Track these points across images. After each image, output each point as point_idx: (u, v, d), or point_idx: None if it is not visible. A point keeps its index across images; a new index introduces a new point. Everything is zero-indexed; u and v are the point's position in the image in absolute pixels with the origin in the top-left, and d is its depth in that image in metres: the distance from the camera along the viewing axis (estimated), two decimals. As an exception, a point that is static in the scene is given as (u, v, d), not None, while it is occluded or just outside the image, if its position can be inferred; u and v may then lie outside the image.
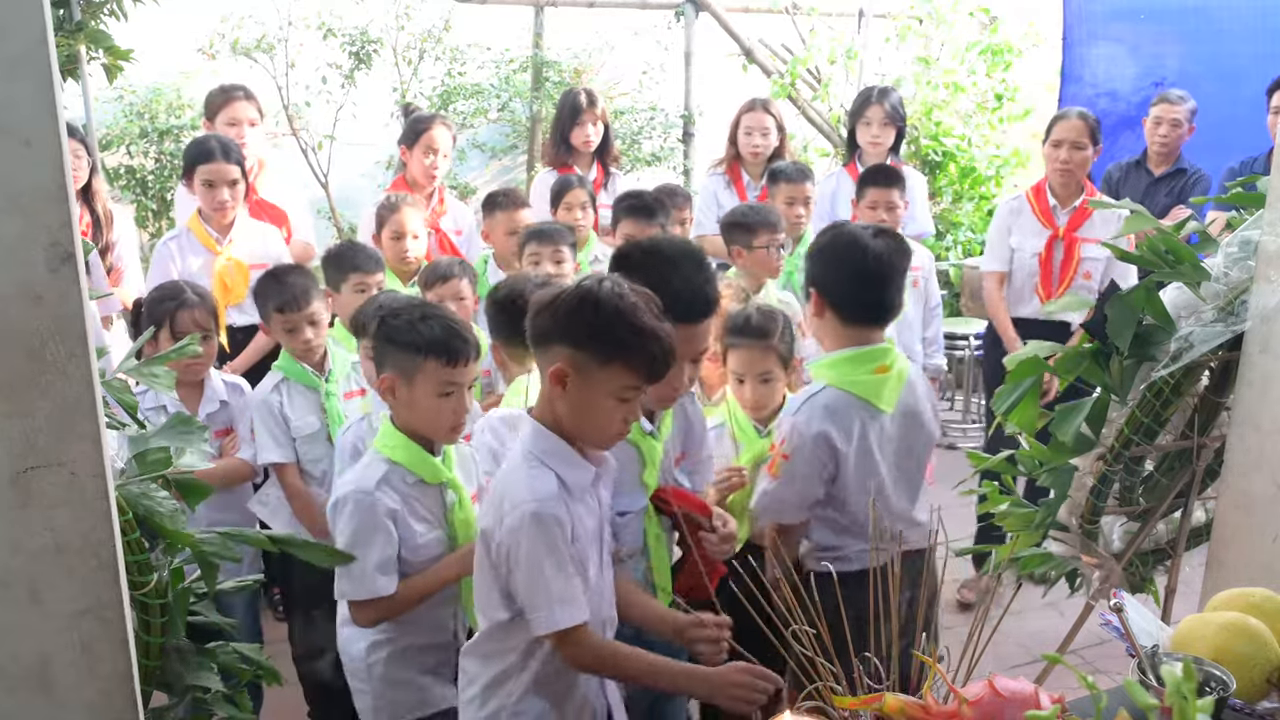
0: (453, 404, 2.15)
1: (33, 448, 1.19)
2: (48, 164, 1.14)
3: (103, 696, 1.28)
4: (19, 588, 1.22)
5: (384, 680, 2.22)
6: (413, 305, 2.25)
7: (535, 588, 1.74)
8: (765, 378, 2.65)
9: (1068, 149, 3.86)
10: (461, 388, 2.16)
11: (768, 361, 2.64)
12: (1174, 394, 2.72)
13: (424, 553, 2.17)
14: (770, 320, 2.67)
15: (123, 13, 4.35)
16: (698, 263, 2.08)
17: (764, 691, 1.71)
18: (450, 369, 2.12)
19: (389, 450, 2.17)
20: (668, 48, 6.90)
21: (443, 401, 2.13)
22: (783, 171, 3.98)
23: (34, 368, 1.17)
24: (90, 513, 1.23)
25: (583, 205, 3.95)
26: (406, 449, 2.17)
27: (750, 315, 2.67)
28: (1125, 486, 2.92)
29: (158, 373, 1.83)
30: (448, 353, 2.11)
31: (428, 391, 2.12)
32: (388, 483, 2.14)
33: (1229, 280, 2.64)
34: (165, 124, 5.99)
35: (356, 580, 2.11)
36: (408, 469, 2.16)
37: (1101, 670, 3.08)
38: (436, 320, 2.15)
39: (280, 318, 2.88)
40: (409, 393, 2.14)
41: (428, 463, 2.18)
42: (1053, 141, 3.92)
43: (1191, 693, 1.15)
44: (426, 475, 2.18)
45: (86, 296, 1.20)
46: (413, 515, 2.16)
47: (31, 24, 1.11)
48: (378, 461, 2.17)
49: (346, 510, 2.12)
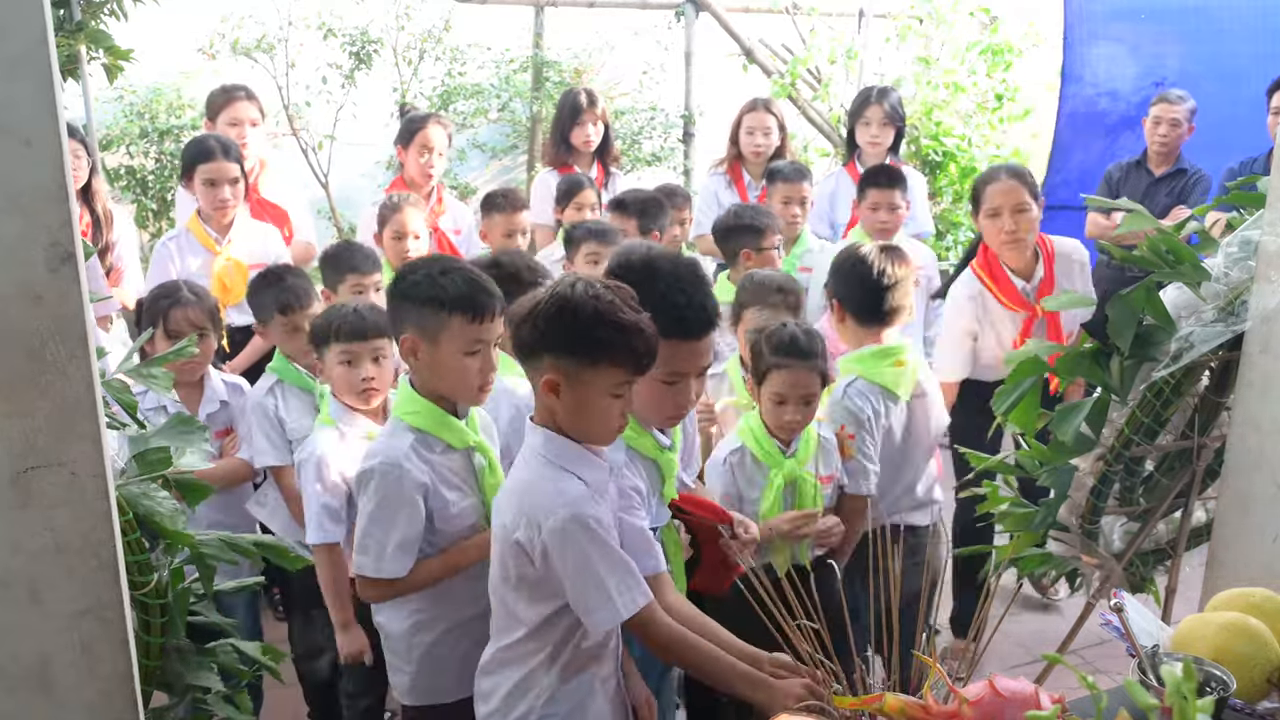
0: (479, 362, 2.05)
1: (33, 448, 1.19)
2: (48, 164, 1.14)
3: (103, 696, 1.28)
4: (19, 588, 1.22)
5: (426, 660, 2.17)
6: (430, 260, 2.14)
7: (589, 588, 1.73)
8: (808, 399, 2.58)
9: (1010, 216, 3.26)
10: (488, 345, 2.07)
11: (813, 383, 2.57)
12: (1174, 394, 2.72)
13: (458, 522, 2.11)
14: (814, 340, 2.60)
15: (123, 13, 4.35)
16: (697, 277, 2.06)
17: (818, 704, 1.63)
18: (477, 325, 2.03)
19: (410, 417, 2.08)
20: (668, 48, 6.90)
21: (469, 360, 2.04)
22: (780, 171, 3.98)
23: (34, 368, 1.17)
24: (90, 513, 1.23)
25: (592, 206, 3.97)
26: (429, 414, 2.08)
27: (796, 334, 2.58)
28: (1125, 486, 2.92)
29: (156, 374, 1.83)
30: (473, 307, 2.02)
31: (453, 350, 2.03)
32: (415, 452, 2.06)
33: (1229, 280, 2.64)
34: (165, 124, 5.99)
35: (374, 557, 2.05)
36: (433, 435, 2.08)
37: (1101, 670, 3.08)
38: (458, 273, 2.06)
39: (283, 319, 2.87)
40: (433, 353, 2.04)
41: (453, 427, 2.10)
42: (988, 211, 3.32)
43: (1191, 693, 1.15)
44: (453, 440, 2.10)
45: (86, 296, 1.20)
46: (444, 484, 2.09)
47: (31, 24, 1.11)
48: (401, 430, 2.08)
49: (372, 484, 2.06)
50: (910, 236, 4.06)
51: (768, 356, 2.57)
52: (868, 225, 3.81)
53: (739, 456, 2.60)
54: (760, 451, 2.59)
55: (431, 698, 2.19)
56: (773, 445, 2.60)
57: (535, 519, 1.74)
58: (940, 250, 6.19)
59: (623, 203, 3.72)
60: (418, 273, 2.07)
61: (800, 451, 2.61)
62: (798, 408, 2.57)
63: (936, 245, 6.00)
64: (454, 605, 2.15)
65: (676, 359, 1.94)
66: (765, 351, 2.58)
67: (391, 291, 2.11)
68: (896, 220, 3.81)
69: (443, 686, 2.18)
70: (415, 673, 2.18)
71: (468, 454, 2.14)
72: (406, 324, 2.07)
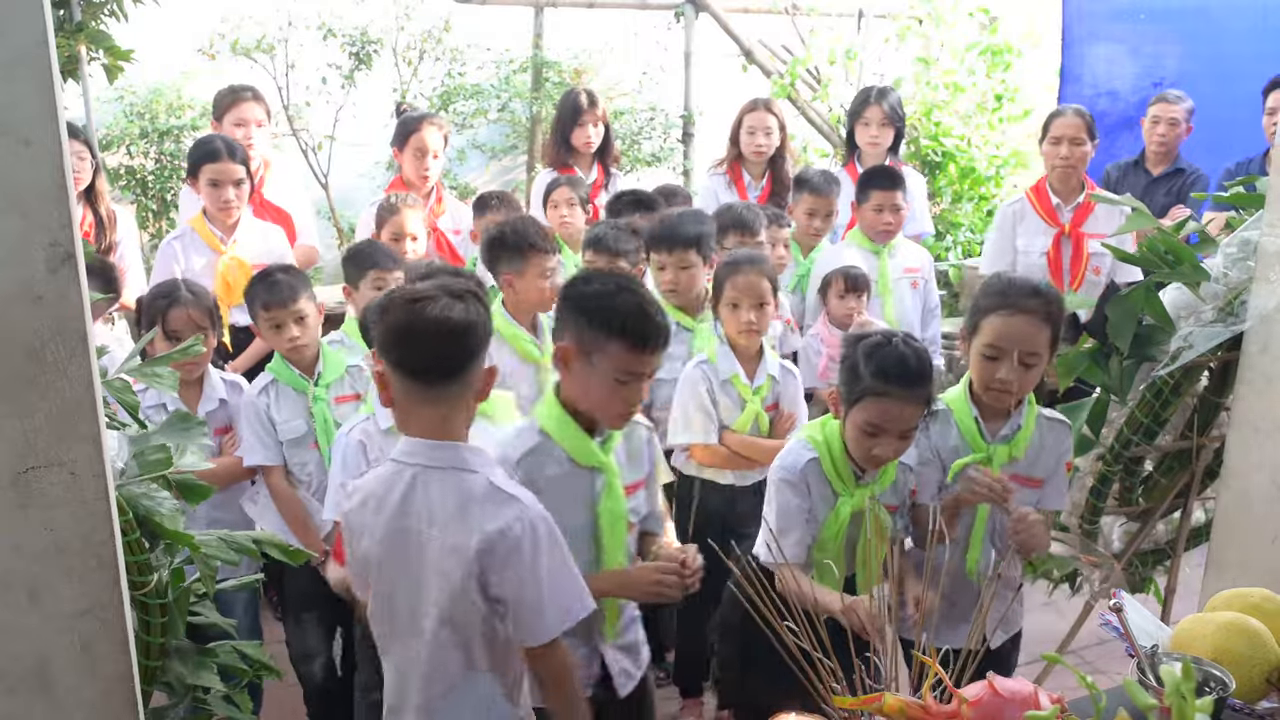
0: (628, 392, 2.00)
1: (33, 448, 1.19)
2: (48, 164, 1.14)
3: (103, 696, 1.28)
4: (19, 588, 1.22)
5: None
6: (609, 274, 2.08)
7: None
8: (905, 434, 2.17)
9: (1067, 145, 3.86)
10: (643, 377, 2.01)
11: (915, 416, 2.16)
12: (1173, 394, 2.72)
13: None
14: (924, 362, 2.17)
15: (123, 13, 4.35)
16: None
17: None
18: (636, 355, 1.97)
19: (545, 420, 2.04)
20: (667, 48, 6.90)
21: (619, 387, 1.98)
22: (809, 181, 3.95)
23: (34, 368, 1.17)
24: (90, 513, 1.23)
25: (569, 203, 3.92)
26: (563, 424, 2.03)
27: (905, 356, 2.13)
28: (1125, 487, 2.92)
29: (161, 373, 1.83)
30: (639, 337, 1.96)
31: (606, 373, 1.97)
32: (534, 457, 2.01)
33: (1228, 280, 2.65)
34: (165, 124, 5.98)
35: None
36: (560, 446, 2.03)
37: (1101, 670, 3.08)
38: (633, 297, 1.99)
39: (265, 314, 2.86)
40: (584, 370, 1.99)
41: (583, 443, 2.04)
42: (1051, 139, 3.92)
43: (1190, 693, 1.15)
44: (578, 456, 2.04)
45: (86, 296, 1.20)
46: (551, 497, 1.91)
47: (31, 24, 1.11)
48: (530, 432, 2.04)
49: None
50: (909, 237, 4.07)
51: (867, 379, 2.13)
52: (870, 226, 3.81)
53: (816, 469, 2.25)
54: (832, 472, 2.25)
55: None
56: (848, 469, 2.25)
57: None
58: (939, 251, 6.19)
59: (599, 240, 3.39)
60: (593, 285, 2.02)
61: (877, 481, 2.28)
62: (892, 442, 2.16)
63: (936, 246, 6.00)
64: None
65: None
66: (864, 371, 2.14)
67: (564, 295, 2.07)
68: (899, 221, 3.81)
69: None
70: None
71: (591, 473, 2.07)
72: (567, 332, 2.02)
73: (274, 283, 2.88)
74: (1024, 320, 2.19)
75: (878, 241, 3.81)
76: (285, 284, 2.88)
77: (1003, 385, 2.19)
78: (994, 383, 2.21)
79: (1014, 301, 2.21)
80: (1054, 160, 3.92)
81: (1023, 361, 2.18)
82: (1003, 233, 4.07)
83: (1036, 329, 2.19)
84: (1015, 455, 2.30)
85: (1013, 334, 2.19)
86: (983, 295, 2.27)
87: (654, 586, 1.98)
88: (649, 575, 2.01)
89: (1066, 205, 3.93)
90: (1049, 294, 2.26)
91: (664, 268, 3.12)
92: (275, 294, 2.85)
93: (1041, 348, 2.20)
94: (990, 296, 2.25)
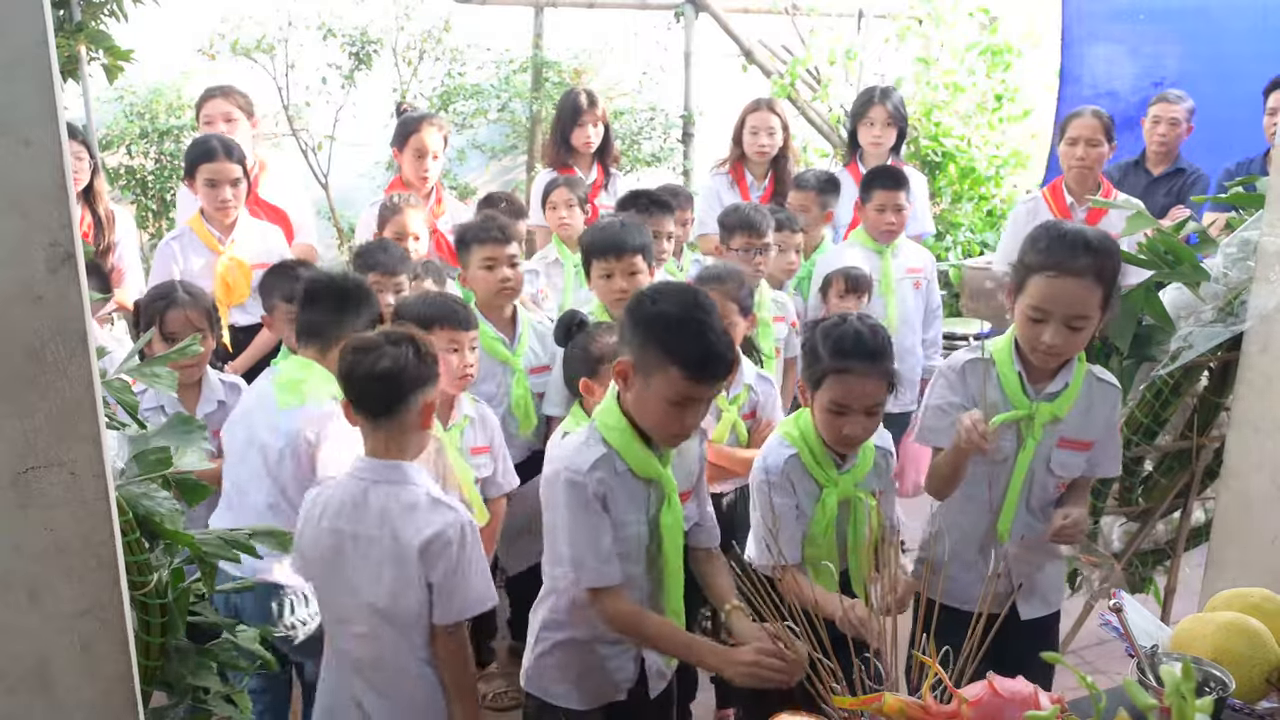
0: (684, 415, 1.96)
1: (33, 448, 1.19)
2: (48, 164, 1.14)
3: (103, 696, 1.28)
4: (19, 588, 1.22)
5: (541, 657, 2.16)
6: (679, 295, 2.01)
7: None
8: (872, 410, 2.21)
9: (1083, 146, 3.88)
10: (700, 404, 1.97)
11: (880, 391, 2.20)
12: (1173, 394, 2.72)
13: (622, 545, 2.03)
14: (880, 337, 2.23)
15: (123, 13, 4.35)
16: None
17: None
18: (693, 384, 1.92)
19: (607, 430, 2.01)
20: (667, 48, 6.90)
21: (675, 409, 1.94)
22: (802, 181, 4.04)
23: (34, 368, 1.17)
24: (90, 513, 1.23)
25: (568, 204, 3.91)
26: (624, 435, 2.00)
27: (860, 332, 2.20)
28: (1125, 487, 2.92)
29: (160, 373, 1.82)
30: (699, 369, 1.91)
31: (662, 396, 1.93)
32: (598, 469, 1.99)
33: (1228, 280, 2.65)
34: (165, 124, 5.99)
35: (593, 566, 1.98)
36: (621, 457, 2.01)
37: (1101, 670, 3.08)
38: (696, 323, 1.93)
39: (286, 307, 2.89)
40: (641, 388, 1.96)
41: (641, 456, 2.01)
42: (1068, 139, 3.94)
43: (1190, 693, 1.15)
44: (638, 467, 2.01)
45: (86, 296, 1.20)
46: (615, 506, 2.01)
47: (31, 24, 1.11)
48: (596, 442, 2.02)
49: (561, 490, 2.00)
50: (911, 237, 4.07)
51: (826, 358, 2.20)
52: (873, 226, 3.81)
53: (797, 464, 2.27)
54: (812, 464, 2.26)
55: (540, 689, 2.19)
56: (828, 458, 2.27)
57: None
58: (940, 251, 6.19)
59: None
60: (659, 304, 1.98)
61: (857, 466, 2.30)
62: (859, 419, 2.20)
63: (936, 246, 6.00)
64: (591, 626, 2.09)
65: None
66: (822, 352, 2.21)
67: (629, 309, 2.03)
68: (902, 221, 3.81)
69: (553, 689, 2.16)
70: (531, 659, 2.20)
71: (649, 484, 2.06)
72: (628, 347, 1.99)
73: (297, 278, 2.89)
74: (1073, 283, 2.04)
75: (880, 241, 3.81)
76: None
77: (1048, 349, 2.10)
78: (1039, 344, 2.11)
79: (1062, 261, 2.05)
80: (1070, 161, 3.94)
81: (1069, 324, 2.07)
82: (1016, 229, 4.09)
83: (1087, 291, 2.05)
84: (1058, 415, 2.20)
85: (1059, 296, 2.06)
86: (1030, 249, 2.11)
87: (752, 669, 1.80)
88: (747, 656, 1.82)
89: (1080, 206, 3.93)
90: (1102, 248, 2.08)
91: (611, 275, 3.00)
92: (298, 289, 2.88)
93: (1092, 310, 2.07)
94: (1038, 253, 2.09)
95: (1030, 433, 2.21)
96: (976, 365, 2.25)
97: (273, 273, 3.09)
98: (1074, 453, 2.27)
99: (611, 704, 2.14)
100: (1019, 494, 2.27)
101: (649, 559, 2.07)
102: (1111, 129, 3.93)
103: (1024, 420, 2.20)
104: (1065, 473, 2.28)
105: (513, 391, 3.07)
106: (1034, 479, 2.27)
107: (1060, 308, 2.06)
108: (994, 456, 2.22)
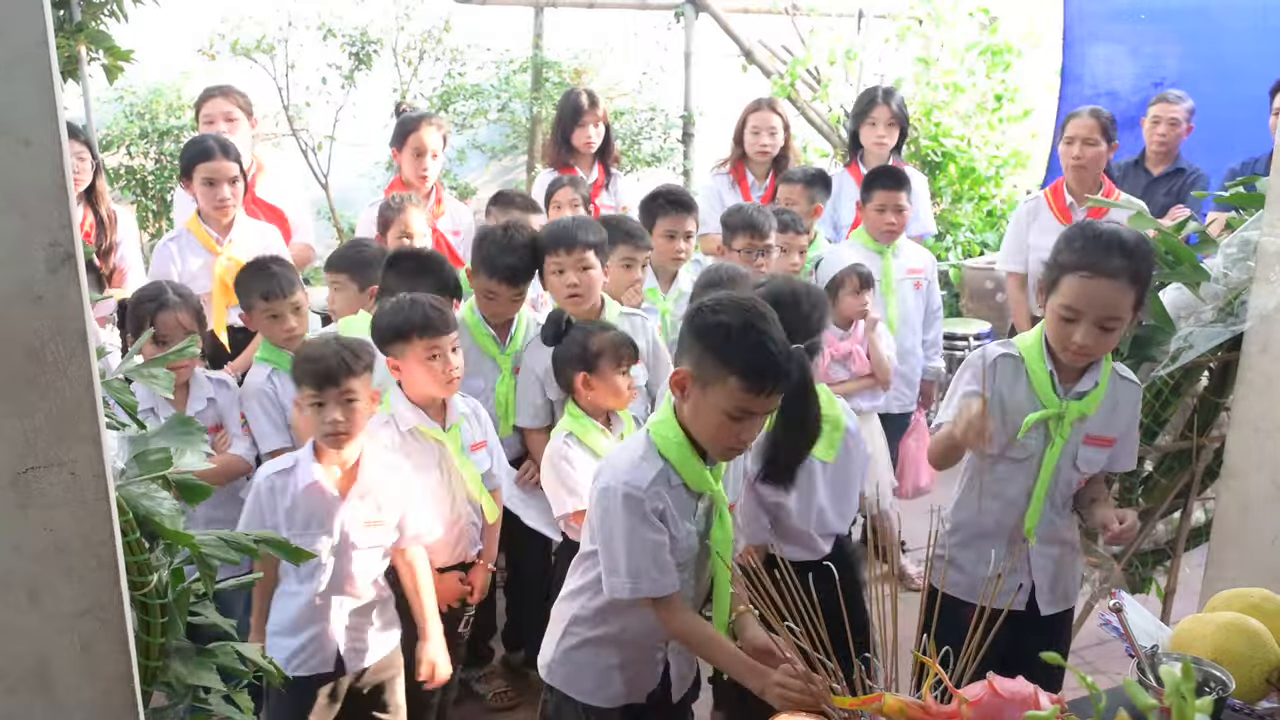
0: (740, 429, 1.92)
1: (33, 448, 1.19)
2: (48, 164, 1.14)
3: (103, 697, 1.28)
4: (19, 588, 1.22)
5: (568, 651, 2.15)
6: (738, 305, 1.95)
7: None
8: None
9: (1080, 145, 3.92)
10: (758, 416, 1.93)
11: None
12: (1173, 394, 2.72)
13: (677, 556, 2.00)
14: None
15: (123, 13, 4.35)
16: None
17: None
18: (752, 396, 1.87)
19: (663, 442, 1.98)
20: (667, 48, 6.91)
21: (731, 422, 1.90)
22: (790, 171, 4.08)
23: (34, 368, 1.17)
24: (90, 513, 1.23)
25: (572, 204, 3.91)
26: (680, 449, 1.97)
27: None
28: (1125, 487, 2.92)
29: (157, 374, 1.83)
30: (757, 378, 1.87)
31: (719, 407, 1.89)
32: (657, 484, 1.96)
33: (1228, 281, 2.65)
34: (165, 124, 6.00)
35: (653, 577, 1.95)
36: (676, 470, 1.98)
37: (1101, 670, 3.08)
38: (759, 336, 1.88)
39: (264, 305, 2.91)
40: (699, 399, 1.92)
41: (696, 470, 1.98)
42: (1065, 139, 3.99)
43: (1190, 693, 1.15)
44: (691, 481, 1.99)
45: (86, 296, 1.20)
46: (670, 520, 1.99)
47: (31, 24, 1.11)
48: (654, 456, 1.98)
49: (619, 504, 1.96)
50: (911, 237, 4.07)
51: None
52: (874, 227, 3.80)
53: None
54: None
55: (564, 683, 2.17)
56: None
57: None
58: (940, 251, 6.19)
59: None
60: (719, 315, 1.92)
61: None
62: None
63: (936, 246, 6.00)
64: (620, 628, 2.09)
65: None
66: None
67: (688, 319, 1.99)
68: (903, 221, 3.80)
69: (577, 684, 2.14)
70: (554, 654, 2.17)
71: (700, 499, 2.04)
72: (686, 356, 1.95)
73: (272, 274, 2.92)
74: (1106, 285, 2.04)
75: (881, 242, 3.80)
76: (283, 276, 2.93)
77: (1079, 349, 2.09)
78: (1070, 344, 2.10)
79: (1096, 262, 2.04)
80: (1067, 160, 3.98)
81: (1101, 325, 2.07)
82: (1017, 229, 4.12)
83: (1120, 293, 2.04)
84: (1086, 413, 2.20)
85: (1092, 298, 2.05)
86: (1065, 248, 2.10)
87: (777, 689, 1.73)
88: (775, 678, 1.74)
89: (1080, 206, 3.94)
90: (1137, 250, 2.06)
91: (562, 270, 2.96)
92: (275, 285, 2.90)
93: (1124, 311, 2.06)
94: (1072, 253, 2.08)
95: (1059, 431, 2.21)
96: (1007, 362, 2.24)
97: (248, 271, 3.02)
98: (1099, 449, 2.27)
99: (630, 704, 2.13)
100: (1045, 492, 2.27)
101: (697, 568, 2.06)
102: (1111, 128, 3.95)
103: (1052, 419, 2.20)
104: (1089, 469, 2.29)
105: (497, 389, 3.08)
106: (1059, 476, 2.28)
107: (1093, 308, 2.06)
108: (1017, 454, 2.24)
